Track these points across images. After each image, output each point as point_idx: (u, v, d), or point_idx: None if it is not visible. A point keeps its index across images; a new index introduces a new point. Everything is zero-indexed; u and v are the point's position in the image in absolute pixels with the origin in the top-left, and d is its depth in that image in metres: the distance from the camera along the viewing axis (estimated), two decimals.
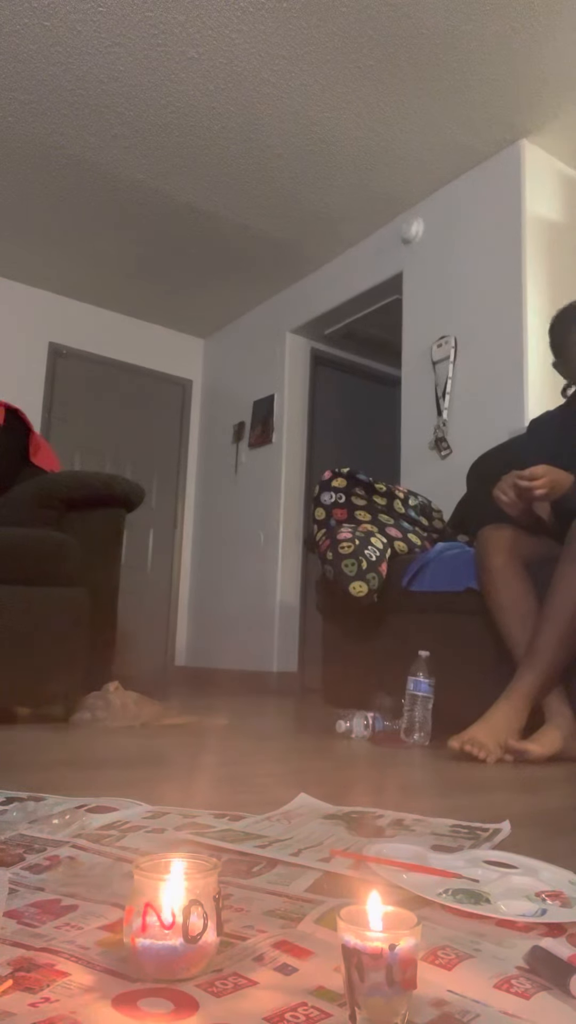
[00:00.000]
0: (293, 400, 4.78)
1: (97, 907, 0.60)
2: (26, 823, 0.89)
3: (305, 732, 2.29)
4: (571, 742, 1.72)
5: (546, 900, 0.65)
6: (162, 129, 3.40)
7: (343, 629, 2.59)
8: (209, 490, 5.36)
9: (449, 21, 2.77)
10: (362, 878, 0.70)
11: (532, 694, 1.72)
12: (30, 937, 0.54)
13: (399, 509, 2.61)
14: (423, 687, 1.99)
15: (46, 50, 2.96)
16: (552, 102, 3.17)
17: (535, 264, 3.34)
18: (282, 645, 4.51)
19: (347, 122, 3.32)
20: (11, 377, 4.75)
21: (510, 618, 1.89)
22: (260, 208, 3.98)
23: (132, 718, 2.21)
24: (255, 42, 2.89)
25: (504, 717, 1.69)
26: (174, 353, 5.53)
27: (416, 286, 3.86)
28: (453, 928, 0.58)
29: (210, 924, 0.48)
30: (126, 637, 4.71)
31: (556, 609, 1.73)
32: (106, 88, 3.15)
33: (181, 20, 2.80)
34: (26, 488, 2.50)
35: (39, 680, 2.16)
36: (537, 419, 2.31)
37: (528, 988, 0.47)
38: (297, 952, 0.52)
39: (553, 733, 1.70)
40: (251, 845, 0.81)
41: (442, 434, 3.56)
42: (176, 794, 1.17)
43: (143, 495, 2.54)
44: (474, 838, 0.90)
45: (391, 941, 0.41)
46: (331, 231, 4.17)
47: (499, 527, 1.99)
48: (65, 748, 1.72)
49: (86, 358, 5.12)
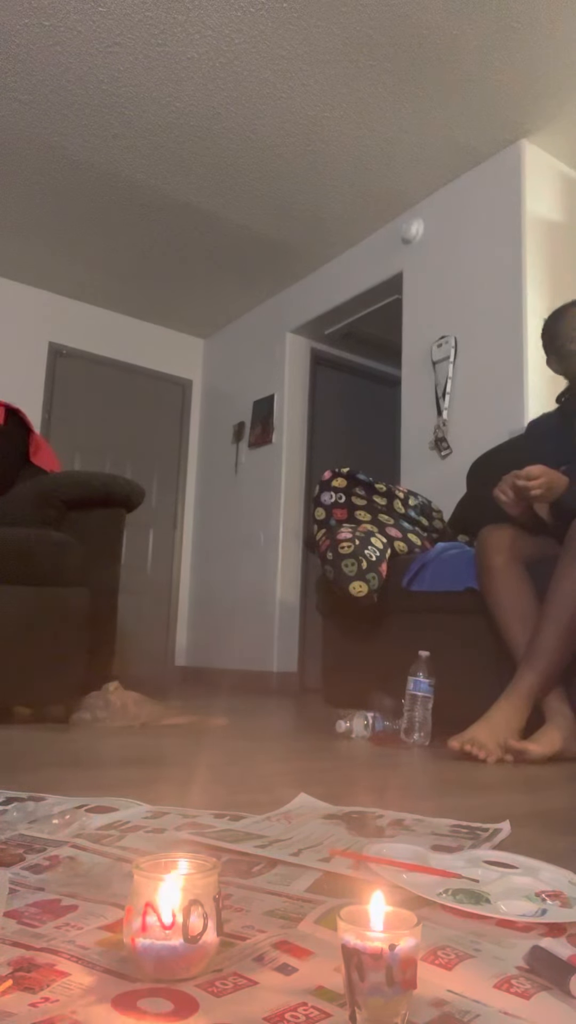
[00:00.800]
0: (293, 400, 4.78)
1: (97, 907, 0.60)
2: (26, 823, 0.89)
3: (305, 732, 2.29)
4: (571, 742, 1.72)
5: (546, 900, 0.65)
6: (162, 129, 3.40)
7: (343, 629, 2.59)
8: (209, 490, 5.36)
9: (449, 21, 2.77)
10: (362, 878, 0.70)
11: (532, 694, 1.73)
12: (30, 937, 0.54)
13: (399, 509, 2.61)
14: (423, 687, 1.99)
15: (46, 50, 2.96)
16: (552, 102, 3.17)
17: (535, 264, 3.34)
18: (282, 645, 4.51)
19: (347, 122, 3.32)
20: (11, 377, 4.75)
21: (510, 618, 1.89)
22: (260, 208, 3.98)
23: (132, 718, 2.21)
24: (255, 42, 2.89)
25: (504, 717, 1.69)
26: (174, 353, 5.53)
27: (416, 286, 3.86)
28: (453, 928, 0.58)
29: (210, 924, 0.48)
30: (126, 637, 4.71)
31: (556, 609, 1.73)
32: (106, 88, 3.15)
33: (181, 20, 2.80)
34: (26, 488, 2.50)
35: (39, 680, 2.16)
36: (535, 421, 2.33)
37: (528, 988, 0.47)
38: (297, 952, 0.52)
39: (553, 733, 1.71)
40: (251, 845, 0.81)
41: (442, 434, 3.56)
42: (176, 794, 1.17)
43: (143, 495, 2.54)
44: (474, 838, 0.90)
45: (391, 941, 0.41)
46: (331, 231, 4.17)
47: (499, 527, 2.00)
48: (65, 748, 1.72)
49: (86, 358, 5.12)
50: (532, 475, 1.80)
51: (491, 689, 1.80)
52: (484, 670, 2.04)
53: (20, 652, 2.14)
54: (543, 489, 1.80)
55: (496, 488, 1.91)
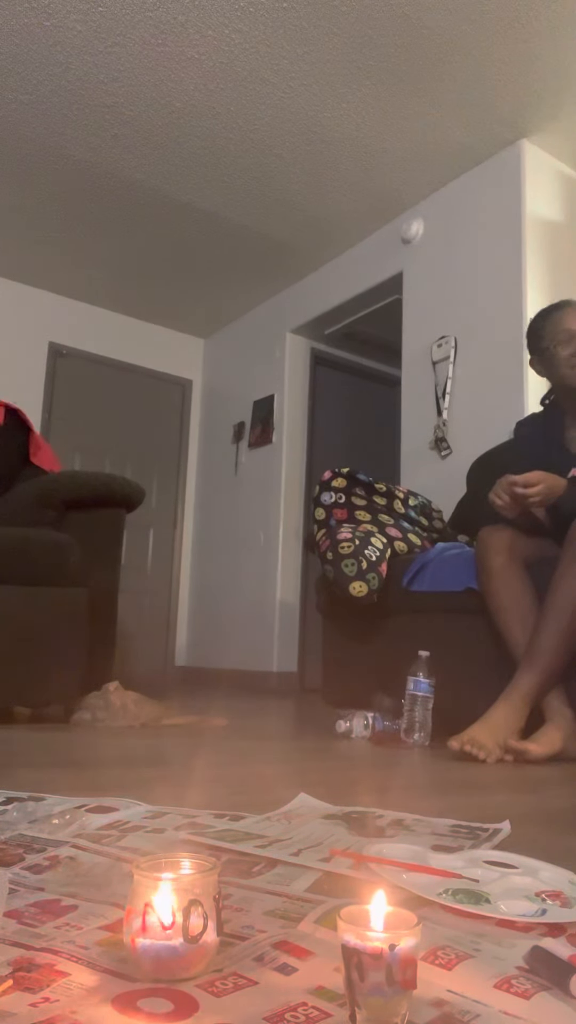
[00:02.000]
0: (293, 400, 4.78)
1: (97, 907, 0.60)
2: (26, 823, 0.89)
3: (305, 732, 2.29)
4: (571, 742, 1.72)
5: (546, 900, 0.65)
6: (162, 129, 3.40)
7: (343, 629, 2.59)
8: (209, 490, 5.36)
9: (449, 21, 2.77)
10: (362, 878, 0.70)
11: (532, 694, 1.73)
12: (30, 937, 0.54)
13: (399, 509, 2.61)
14: (423, 687, 1.99)
15: (46, 50, 2.96)
16: (552, 102, 3.17)
17: (535, 264, 3.34)
18: (282, 645, 4.51)
19: (347, 122, 3.32)
20: (11, 377, 4.75)
21: (510, 618, 1.89)
22: (260, 208, 3.98)
23: (132, 718, 2.21)
24: (255, 42, 2.89)
25: (504, 717, 1.69)
26: (174, 353, 5.53)
27: (416, 286, 3.86)
28: (453, 928, 0.58)
29: (210, 924, 0.48)
30: (126, 637, 4.71)
31: (556, 609, 1.73)
32: (106, 88, 3.15)
33: (181, 20, 2.80)
34: (26, 488, 2.50)
35: (39, 680, 2.16)
36: (522, 422, 2.33)
37: (528, 988, 0.47)
38: (297, 952, 0.52)
39: (553, 733, 1.71)
40: (251, 845, 0.81)
41: (442, 434, 3.56)
42: (176, 794, 1.17)
43: (143, 495, 2.54)
44: (474, 838, 0.90)
45: (391, 941, 0.41)
46: (331, 231, 4.17)
47: (498, 528, 2.00)
48: (65, 748, 1.72)
49: (86, 358, 5.12)
50: (531, 482, 1.79)
51: (491, 689, 1.80)
52: (484, 670, 2.04)
53: (20, 652, 2.14)
54: (542, 496, 1.80)
55: (491, 492, 1.88)
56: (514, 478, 1.82)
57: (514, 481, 1.81)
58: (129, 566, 4.84)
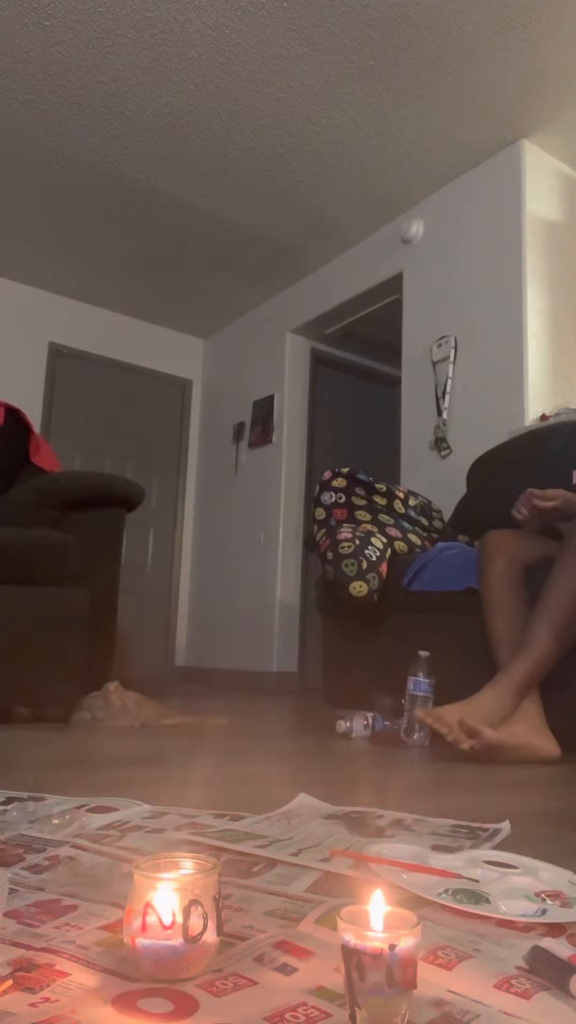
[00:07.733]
0: (293, 400, 4.78)
1: (97, 907, 0.60)
2: (26, 823, 0.89)
3: (305, 732, 2.29)
4: (532, 736, 1.70)
5: (546, 900, 0.65)
6: (162, 129, 3.40)
7: (343, 629, 2.59)
8: (209, 490, 5.36)
9: (449, 21, 2.77)
10: (362, 878, 0.70)
11: (521, 683, 1.72)
12: (30, 937, 0.54)
13: (399, 509, 2.61)
14: (423, 687, 1.99)
15: (46, 50, 2.96)
16: (552, 102, 3.17)
17: (535, 264, 3.34)
18: (282, 645, 4.51)
19: (347, 122, 3.32)
20: (11, 377, 4.75)
21: (498, 619, 1.90)
22: (260, 208, 3.98)
23: (132, 718, 2.21)
24: (255, 42, 2.89)
25: (488, 703, 1.68)
26: (174, 353, 5.53)
27: (416, 286, 3.86)
28: (453, 928, 0.58)
29: (210, 924, 0.48)
30: (126, 637, 4.71)
31: (553, 601, 1.73)
32: (106, 88, 3.15)
33: (181, 20, 2.80)
34: (26, 488, 2.50)
35: (39, 680, 2.16)
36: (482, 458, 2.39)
37: (528, 988, 0.47)
38: (297, 952, 0.52)
39: (516, 725, 1.69)
40: (251, 845, 0.81)
41: (442, 434, 3.56)
42: (176, 794, 1.17)
43: (143, 495, 2.54)
44: (474, 838, 0.90)
45: (391, 941, 0.41)
46: (331, 231, 4.17)
47: (502, 532, 2.01)
48: (65, 748, 1.72)
49: (86, 358, 5.12)
50: (547, 497, 1.86)
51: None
52: (484, 670, 2.03)
53: (20, 652, 2.14)
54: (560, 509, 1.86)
55: (513, 509, 1.95)
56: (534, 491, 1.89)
57: (533, 493, 1.88)
58: (129, 566, 4.85)
